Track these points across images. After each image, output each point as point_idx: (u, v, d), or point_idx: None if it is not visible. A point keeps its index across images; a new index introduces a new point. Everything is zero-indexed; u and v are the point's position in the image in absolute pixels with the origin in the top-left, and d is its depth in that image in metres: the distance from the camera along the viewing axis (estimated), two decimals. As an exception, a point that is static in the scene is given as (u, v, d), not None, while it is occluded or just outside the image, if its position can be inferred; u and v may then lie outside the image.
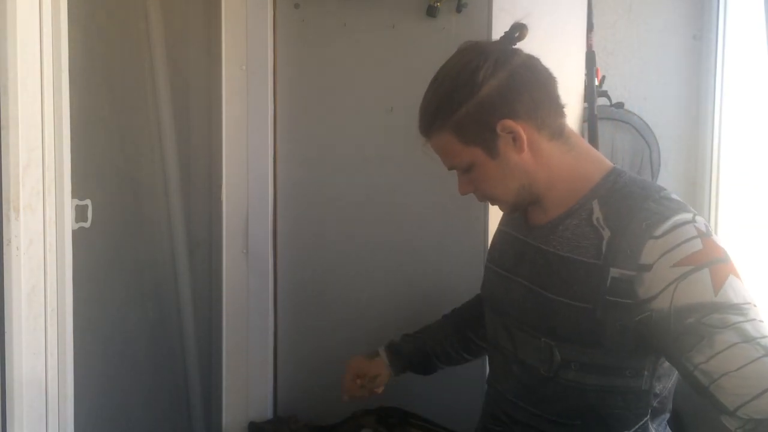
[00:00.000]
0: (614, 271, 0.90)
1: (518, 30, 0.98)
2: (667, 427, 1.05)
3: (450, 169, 1.04)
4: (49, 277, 0.96)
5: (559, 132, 0.98)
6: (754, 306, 0.84)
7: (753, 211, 1.83)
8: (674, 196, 0.94)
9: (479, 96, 0.94)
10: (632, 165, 1.95)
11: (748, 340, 0.80)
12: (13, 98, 0.87)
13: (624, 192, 0.95)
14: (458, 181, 1.04)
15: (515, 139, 0.95)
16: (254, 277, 1.57)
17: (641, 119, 1.93)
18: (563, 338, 0.97)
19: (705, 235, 0.86)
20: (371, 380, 1.27)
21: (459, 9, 1.49)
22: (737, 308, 0.82)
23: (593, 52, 1.67)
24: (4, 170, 0.87)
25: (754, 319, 0.82)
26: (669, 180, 1.97)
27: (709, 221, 1.91)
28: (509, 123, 0.94)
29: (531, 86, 0.95)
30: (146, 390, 1.52)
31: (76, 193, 1.03)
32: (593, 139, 1.68)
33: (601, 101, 1.85)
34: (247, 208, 1.56)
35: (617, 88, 1.94)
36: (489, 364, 1.18)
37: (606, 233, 0.92)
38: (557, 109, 0.98)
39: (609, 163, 1.02)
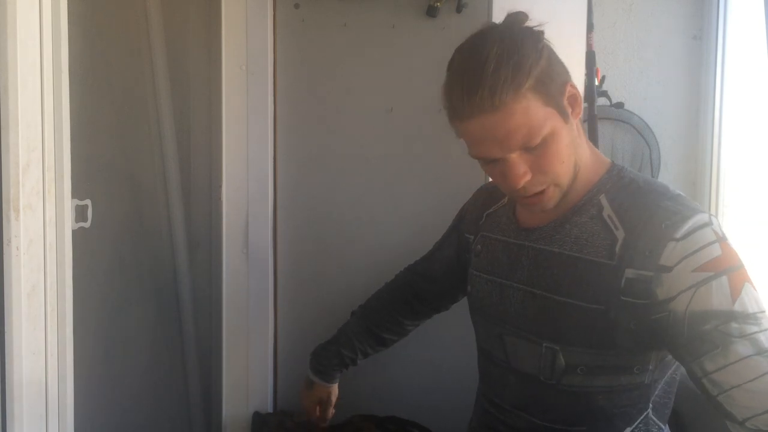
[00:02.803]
0: (629, 272, 0.88)
1: (523, 18, 0.93)
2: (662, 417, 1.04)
3: (518, 148, 0.88)
4: (49, 277, 0.95)
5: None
6: (767, 314, 0.83)
7: (753, 211, 1.83)
8: (683, 194, 0.93)
9: (546, 54, 0.89)
10: (632, 165, 1.95)
11: (762, 352, 0.80)
12: (13, 98, 0.87)
13: (632, 188, 0.94)
14: (512, 170, 0.89)
15: (573, 104, 0.91)
16: (254, 277, 1.57)
17: (641, 119, 1.93)
18: (570, 341, 0.94)
19: (722, 240, 0.85)
20: (328, 401, 1.37)
21: (459, 9, 1.49)
22: (753, 318, 0.82)
23: (593, 52, 1.67)
24: (4, 170, 0.87)
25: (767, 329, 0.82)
26: (669, 180, 1.97)
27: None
28: (571, 84, 0.90)
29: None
30: (146, 391, 1.52)
31: (76, 193, 1.03)
32: (593, 139, 1.68)
33: (601, 101, 1.85)
34: (247, 208, 1.55)
35: (617, 88, 1.94)
36: (482, 376, 1.15)
37: (620, 234, 0.90)
38: None
39: (604, 157, 1.01)
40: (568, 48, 1.56)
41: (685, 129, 1.96)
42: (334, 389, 1.37)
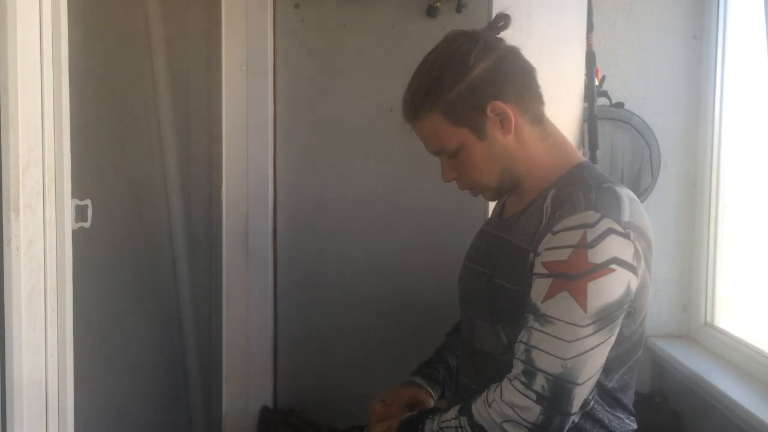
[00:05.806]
0: (531, 256, 0.96)
1: (503, 20, 1.04)
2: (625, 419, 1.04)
3: (436, 154, 1.06)
4: (49, 277, 0.95)
5: (539, 118, 1.04)
6: (565, 324, 0.89)
7: (753, 211, 1.83)
8: (618, 189, 0.96)
9: (470, 77, 0.98)
10: (632, 165, 1.95)
11: (527, 342, 0.92)
12: (13, 98, 0.87)
13: (576, 181, 0.99)
14: (442, 168, 1.07)
15: (503, 120, 1.00)
16: (254, 277, 1.57)
17: (641, 119, 1.93)
18: (507, 320, 1.01)
19: (581, 247, 0.90)
20: (412, 402, 1.19)
21: (459, 9, 1.50)
22: (544, 319, 0.91)
23: (593, 52, 1.67)
24: (4, 170, 0.87)
25: (543, 332, 0.91)
26: (669, 180, 1.97)
27: (708, 221, 1.91)
28: (499, 104, 0.98)
29: (518, 71, 1.01)
30: (146, 391, 1.52)
31: (76, 193, 1.03)
32: (593, 139, 1.68)
33: (601, 101, 1.85)
34: (247, 208, 1.56)
35: (617, 88, 1.94)
36: (459, 358, 1.21)
37: (544, 221, 0.97)
38: (539, 96, 1.04)
39: (580, 157, 1.06)
40: (568, 48, 1.56)
41: (685, 129, 1.96)
42: (424, 394, 1.20)
